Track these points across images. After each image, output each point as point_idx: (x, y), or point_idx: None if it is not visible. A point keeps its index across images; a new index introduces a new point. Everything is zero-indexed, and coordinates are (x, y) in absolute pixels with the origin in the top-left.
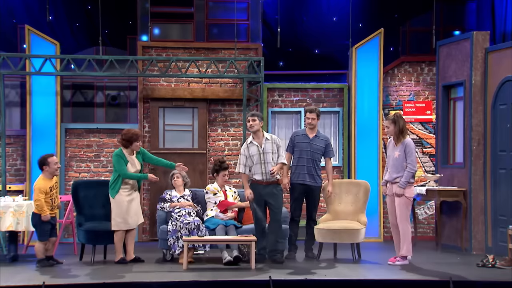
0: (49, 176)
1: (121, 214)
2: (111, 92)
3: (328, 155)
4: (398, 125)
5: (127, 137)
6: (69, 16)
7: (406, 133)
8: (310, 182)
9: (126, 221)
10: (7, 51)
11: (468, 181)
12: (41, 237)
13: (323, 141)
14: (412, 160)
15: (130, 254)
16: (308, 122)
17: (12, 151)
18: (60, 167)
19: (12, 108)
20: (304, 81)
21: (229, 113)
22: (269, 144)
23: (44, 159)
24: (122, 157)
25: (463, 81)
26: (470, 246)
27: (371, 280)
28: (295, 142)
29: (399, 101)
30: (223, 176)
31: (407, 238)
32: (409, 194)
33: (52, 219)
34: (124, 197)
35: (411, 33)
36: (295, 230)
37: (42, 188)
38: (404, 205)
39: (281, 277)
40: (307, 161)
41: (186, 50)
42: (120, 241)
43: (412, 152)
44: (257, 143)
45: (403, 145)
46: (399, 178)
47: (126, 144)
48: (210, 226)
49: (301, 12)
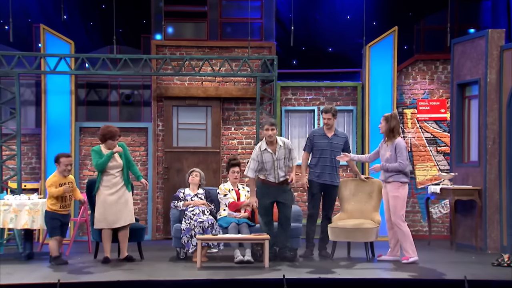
0: (60, 175)
1: (100, 212)
2: (125, 91)
3: (347, 152)
4: (389, 124)
5: (103, 133)
6: (84, 15)
7: (397, 133)
8: (329, 182)
9: (106, 220)
10: (23, 50)
11: (483, 179)
12: (52, 233)
13: (342, 138)
14: (403, 159)
15: (123, 252)
16: (325, 123)
17: (27, 149)
18: (71, 169)
19: (27, 107)
20: (317, 80)
21: (242, 112)
22: (282, 150)
23: (58, 157)
24: (99, 152)
25: (478, 79)
26: (485, 245)
27: (385, 279)
28: (314, 141)
29: (413, 99)
30: (232, 173)
31: (407, 238)
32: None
33: (63, 217)
34: (105, 196)
35: (426, 31)
36: (312, 228)
37: (53, 182)
38: (399, 205)
39: (295, 276)
40: (329, 160)
41: (199, 49)
42: (106, 239)
43: (402, 152)
44: (271, 150)
45: (393, 145)
46: (391, 177)
47: (102, 139)
48: (223, 225)
49: (314, 10)
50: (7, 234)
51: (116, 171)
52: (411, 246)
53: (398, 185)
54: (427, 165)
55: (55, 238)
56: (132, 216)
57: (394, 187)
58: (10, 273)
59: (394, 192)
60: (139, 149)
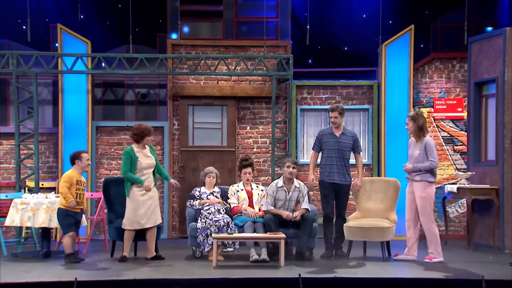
0: (78, 171)
1: (134, 213)
2: (141, 90)
3: (356, 151)
4: (417, 122)
5: (138, 132)
6: (100, 15)
7: (426, 131)
8: (339, 181)
9: (138, 221)
10: (40, 50)
11: (501, 179)
12: (66, 229)
13: (350, 137)
14: (434, 157)
15: (151, 252)
16: (332, 121)
17: (44, 148)
18: (91, 164)
19: (45, 106)
20: (333, 79)
21: (258, 111)
22: (296, 193)
23: (78, 153)
24: (131, 154)
25: (495, 78)
26: (502, 245)
27: (401, 278)
28: (322, 141)
29: (430, 98)
30: (244, 174)
31: (434, 239)
32: (426, 193)
33: (76, 214)
34: (138, 196)
35: (442, 30)
36: (329, 228)
37: (67, 178)
38: (428, 205)
39: (311, 275)
40: (337, 159)
41: (215, 48)
42: (128, 239)
43: (433, 150)
44: (286, 189)
45: (422, 143)
46: (418, 176)
47: (138, 139)
48: (238, 224)
49: (330, 9)
50: (25, 232)
51: (149, 171)
52: (439, 247)
53: (425, 185)
54: (444, 164)
55: (69, 234)
56: (160, 216)
57: (421, 187)
58: (27, 271)
59: (421, 192)
60: (155, 148)
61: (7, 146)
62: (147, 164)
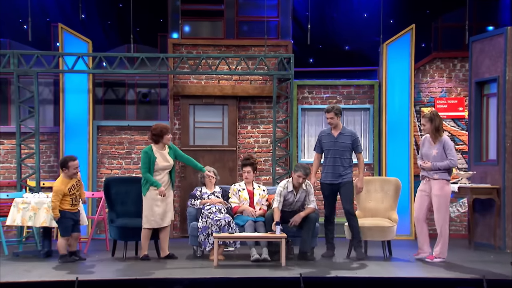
0: (67, 178)
1: (152, 212)
2: (142, 90)
3: (357, 151)
4: (434, 123)
5: (157, 132)
6: (101, 14)
7: (442, 131)
8: (336, 181)
9: (156, 220)
10: (41, 49)
11: (502, 178)
12: (63, 232)
13: (349, 137)
14: (453, 156)
15: (164, 251)
16: (328, 122)
17: (45, 148)
18: (79, 171)
19: (46, 106)
20: (334, 78)
21: (259, 110)
22: (303, 194)
23: (65, 162)
24: (150, 154)
25: (496, 77)
26: (503, 244)
27: (402, 278)
28: (322, 141)
29: (431, 97)
30: (243, 173)
31: (444, 238)
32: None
33: (74, 215)
34: (155, 195)
35: (443, 29)
36: (329, 228)
37: (60, 191)
38: (444, 205)
39: (312, 275)
40: (334, 160)
41: (216, 48)
42: (147, 238)
43: (452, 149)
44: (295, 192)
45: (441, 143)
46: (437, 175)
47: (157, 139)
48: (239, 223)
49: (331, 8)
50: (26, 232)
51: (166, 171)
52: (446, 247)
53: (443, 184)
54: None
55: (65, 238)
56: (173, 215)
57: (439, 185)
58: (28, 270)
59: (439, 191)
60: None
61: (8, 145)
62: (164, 166)
